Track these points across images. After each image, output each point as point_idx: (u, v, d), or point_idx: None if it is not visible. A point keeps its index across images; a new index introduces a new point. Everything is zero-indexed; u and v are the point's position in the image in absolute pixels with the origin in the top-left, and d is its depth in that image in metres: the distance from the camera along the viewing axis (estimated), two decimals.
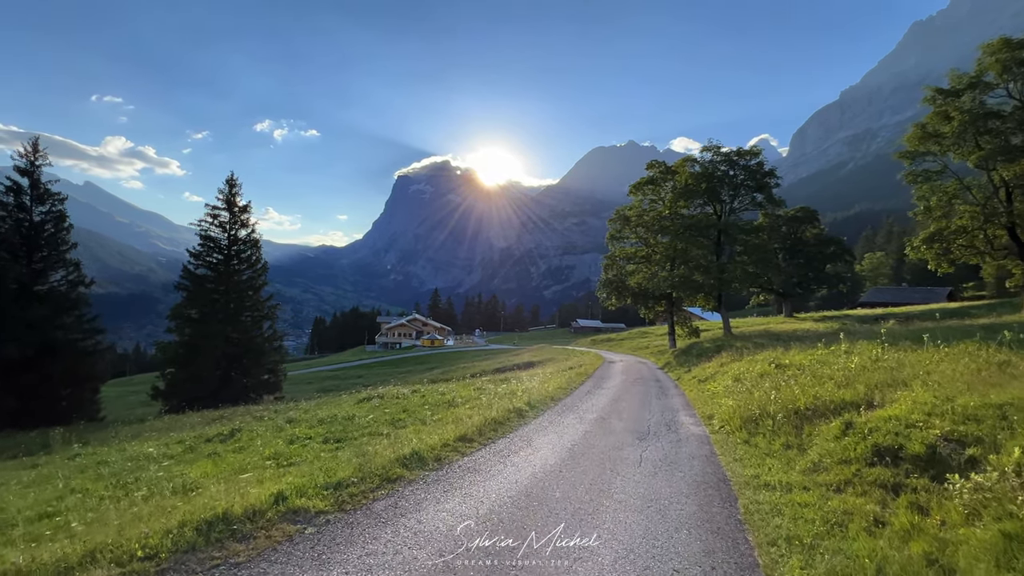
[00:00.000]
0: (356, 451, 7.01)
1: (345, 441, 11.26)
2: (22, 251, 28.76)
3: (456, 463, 6.83)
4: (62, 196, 31.46)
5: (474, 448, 7.71)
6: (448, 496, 5.52)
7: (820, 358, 12.83)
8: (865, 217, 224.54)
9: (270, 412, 20.86)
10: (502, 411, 10.39)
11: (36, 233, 29.46)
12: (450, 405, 15.06)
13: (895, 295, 68.32)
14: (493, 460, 7.12)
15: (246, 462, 9.56)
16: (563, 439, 8.69)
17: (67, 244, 30.65)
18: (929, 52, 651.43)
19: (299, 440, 12.00)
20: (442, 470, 6.49)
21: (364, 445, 10.06)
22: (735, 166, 32.15)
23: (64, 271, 30.40)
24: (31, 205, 30.19)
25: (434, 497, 5.47)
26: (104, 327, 33.87)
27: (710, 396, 13.62)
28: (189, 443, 14.44)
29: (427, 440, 7.83)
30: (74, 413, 27.77)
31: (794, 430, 8.05)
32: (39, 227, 29.51)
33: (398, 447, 7.22)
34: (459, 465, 6.74)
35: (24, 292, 28.06)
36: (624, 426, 10.08)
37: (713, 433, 9.59)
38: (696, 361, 22.85)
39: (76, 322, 30.21)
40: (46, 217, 29.84)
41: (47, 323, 27.75)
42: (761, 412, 9.11)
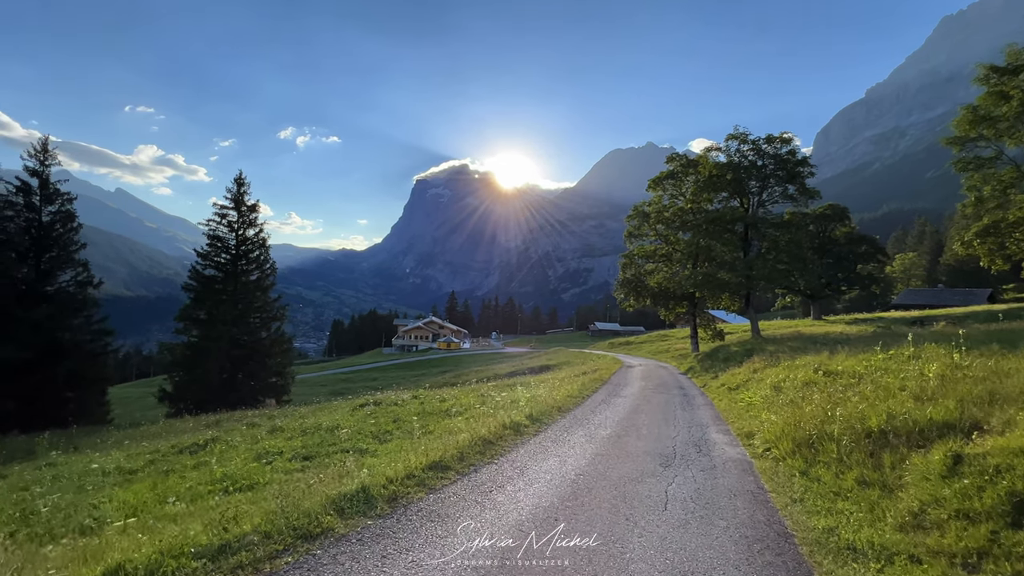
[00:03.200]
0: (279, 491, 5.31)
1: (315, 458, 9.69)
2: (31, 251, 28.23)
3: (415, 505, 5.06)
4: (71, 196, 31.15)
5: (447, 481, 5.94)
6: (382, 567, 3.77)
7: (879, 364, 10.77)
8: (894, 218, 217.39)
9: (264, 418, 19.78)
10: (495, 427, 8.61)
11: (45, 233, 28.93)
12: (446, 415, 13.40)
13: (931, 297, 64.76)
14: (468, 500, 5.35)
15: (188, 486, 8.01)
16: (566, 466, 6.86)
17: (76, 244, 30.13)
18: (960, 47, 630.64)
19: (267, 456, 10.46)
20: (392, 517, 4.75)
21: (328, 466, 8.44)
22: (764, 155, 29.69)
23: (73, 272, 29.84)
24: (40, 205, 29.94)
25: (360, 570, 3.72)
26: (112, 329, 33.48)
27: (745, 408, 11.64)
28: (160, 453, 13.10)
29: (389, 468, 6.10)
30: (81, 416, 27.13)
31: (869, 459, 6.12)
32: (48, 227, 29.03)
33: (346, 482, 5.50)
34: (418, 509, 4.98)
35: (31, 292, 27.47)
36: (644, 447, 8.22)
37: (756, 458, 7.67)
38: (724, 366, 20.74)
39: (84, 323, 29.64)
40: (55, 217, 29.34)
41: (53, 323, 27.15)
42: (819, 432, 7.17)
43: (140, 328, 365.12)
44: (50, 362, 26.59)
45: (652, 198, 36.41)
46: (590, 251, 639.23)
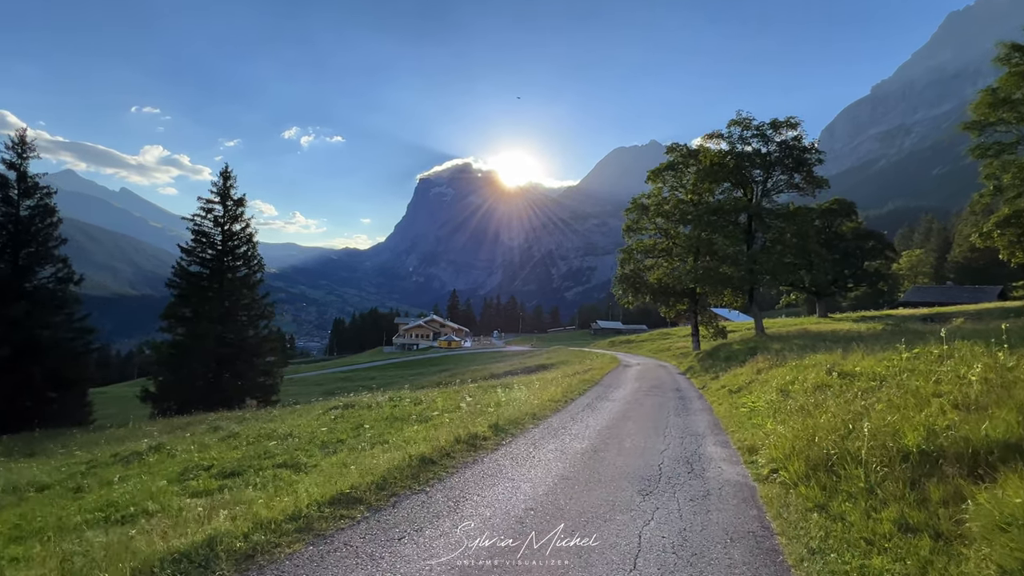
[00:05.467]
0: (106, 543, 3.84)
1: (243, 474, 8.31)
2: (8, 247, 27.20)
3: (275, 568, 3.61)
4: (51, 190, 30.31)
5: (348, 522, 4.45)
6: None
7: (903, 365, 9.24)
8: (900, 215, 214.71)
9: (230, 422, 18.64)
10: (446, 441, 7.16)
11: (23, 228, 27.85)
12: (415, 421, 11.95)
13: (940, 294, 63.02)
14: (360, 556, 3.87)
15: (61, 516, 6.57)
16: (516, 496, 5.38)
17: (55, 240, 29.07)
18: (967, 44, 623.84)
19: (193, 471, 9.04)
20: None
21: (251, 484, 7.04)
22: (769, 141, 27.95)
23: (53, 268, 28.79)
24: (18, 200, 28.93)
25: None
26: (94, 327, 32.71)
27: (747, 415, 10.14)
28: (91, 465, 11.76)
29: (283, 500, 4.65)
30: (62, 417, 26.26)
31: (909, 491, 4.64)
32: (26, 222, 27.97)
33: (206, 526, 4.06)
34: (278, 571, 3.53)
35: (8, 288, 26.46)
36: (623, 465, 6.74)
37: (760, 481, 6.19)
38: (725, 366, 19.22)
39: (65, 321, 28.68)
40: (33, 212, 28.30)
41: (32, 321, 26.17)
42: (839, 451, 5.68)
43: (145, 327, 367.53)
44: (28, 360, 25.63)
45: (651, 190, 34.83)
46: (593, 250, 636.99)
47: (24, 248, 27.71)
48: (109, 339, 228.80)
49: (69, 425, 25.71)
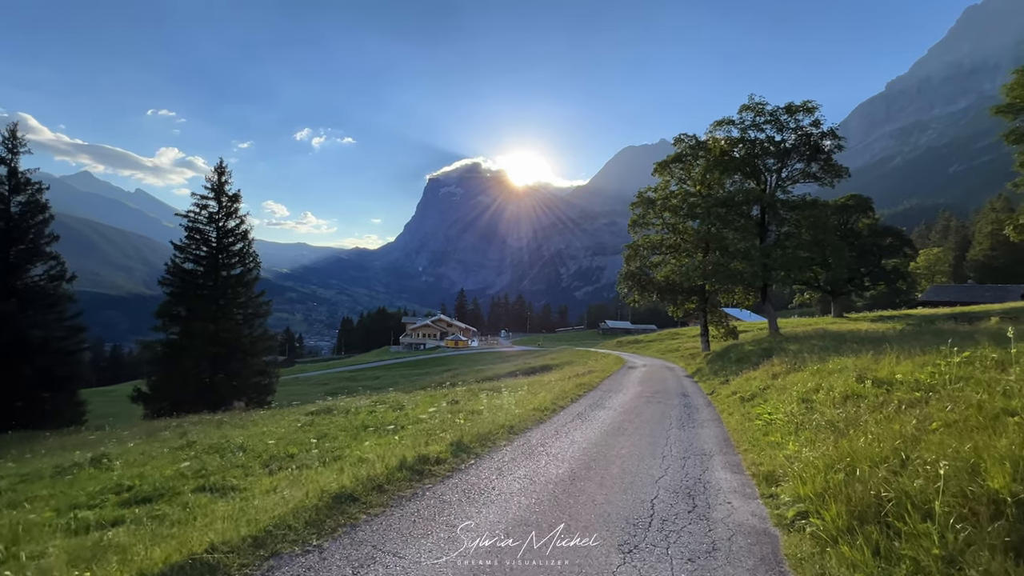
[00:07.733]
0: None
1: (157, 501, 6.95)
2: None
3: None
4: (42, 186, 29.76)
5: None
6: None
7: (955, 372, 7.64)
8: (916, 213, 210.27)
9: (202, 425, 17.62)
10: (388, 467, 5.71)
11: (13, 225, 27.31)
12: (386, 431, 10.56)
13: (961, 293, 60.79)
14: None
15: None
16: (450, 553, 3.93)
17: (47, 237, 28.41)
18: (984, 39, 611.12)
19: (105, 493, 7.72)
20: None
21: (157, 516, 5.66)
22: (784, 127, 26.11)
23: (44, 266, 28.25)
24: (8, 196, 28.45)
25: None
26: (85, 325, 31.89)
27: (763, 429, 8.56)
28: (20, 478, 10.51)
29: (154, 553, 3.25)
30: (53, 417, 25.82)
31: (1015, 566, 3.14)
32: (16, 219, 27.42)
33: None
34: None
35: None
36: (605, 502, 5.25)
37: (784, 528, 4.67)
38: (736, 368, 17.58)
39: (56, 320, 28.00)
40: (24, 208, 27.75)
41: (21, 319, 25.61)
42: (894, 493, 4.17)
43: None
44: (18, 359, 25.14)
45: (658, 184, 33.16)
46: (602, 249, 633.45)
47: (15, 245, 27.17)
48: (124, 337, 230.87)
49: (61, 425, 24.87)
